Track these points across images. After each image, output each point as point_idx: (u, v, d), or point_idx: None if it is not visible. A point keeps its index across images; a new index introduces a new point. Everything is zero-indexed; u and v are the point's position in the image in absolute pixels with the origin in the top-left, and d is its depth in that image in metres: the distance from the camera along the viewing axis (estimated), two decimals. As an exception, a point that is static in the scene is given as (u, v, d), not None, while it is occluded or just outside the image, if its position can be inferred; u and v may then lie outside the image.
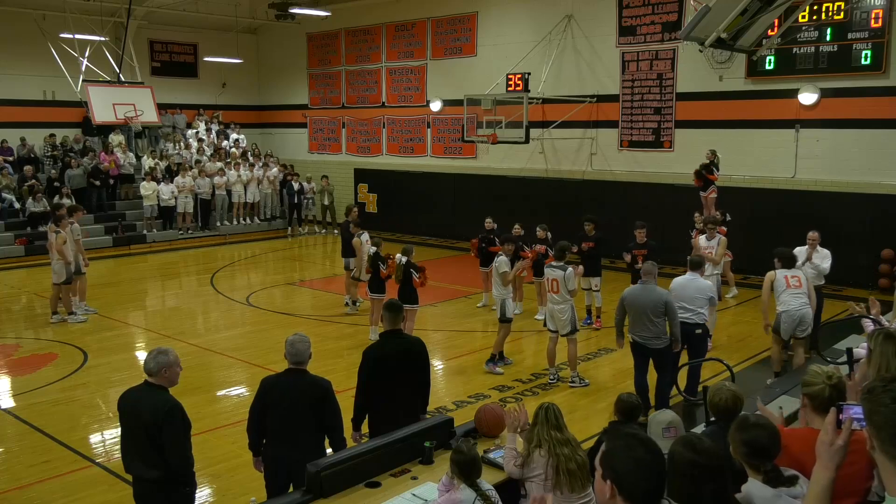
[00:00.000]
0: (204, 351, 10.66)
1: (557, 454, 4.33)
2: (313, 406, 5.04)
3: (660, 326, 7.62)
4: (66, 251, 11.82)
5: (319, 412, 5.05)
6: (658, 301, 7.57)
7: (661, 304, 7.56)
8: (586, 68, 17.63)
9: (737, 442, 3.05)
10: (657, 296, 7.61)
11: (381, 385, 5.66)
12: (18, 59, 20.31)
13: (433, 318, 12.27)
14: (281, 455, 5.10)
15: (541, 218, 13.04)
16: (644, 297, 7.62)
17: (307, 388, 5.08)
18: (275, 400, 5.09)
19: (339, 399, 5.22)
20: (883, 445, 2.10)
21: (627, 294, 7.83)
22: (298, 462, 4.84)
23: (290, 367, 5.14)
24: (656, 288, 7.71)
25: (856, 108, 14.02)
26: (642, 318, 7.61)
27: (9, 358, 10.43)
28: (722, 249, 10.65)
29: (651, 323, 7.58)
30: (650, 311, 7.55)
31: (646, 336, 7.66)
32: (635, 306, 7.66)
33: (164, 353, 4.80)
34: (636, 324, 7.70)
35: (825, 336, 8.21)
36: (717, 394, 4.26)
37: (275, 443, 5.13)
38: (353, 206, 13.55)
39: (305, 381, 5.11)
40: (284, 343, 5.16)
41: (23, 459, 7.11)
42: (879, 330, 3.75)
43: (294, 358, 5.10)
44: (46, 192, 18.87)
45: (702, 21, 10.27)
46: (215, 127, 23.93)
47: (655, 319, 7.57)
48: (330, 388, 5.13)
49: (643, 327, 7.64)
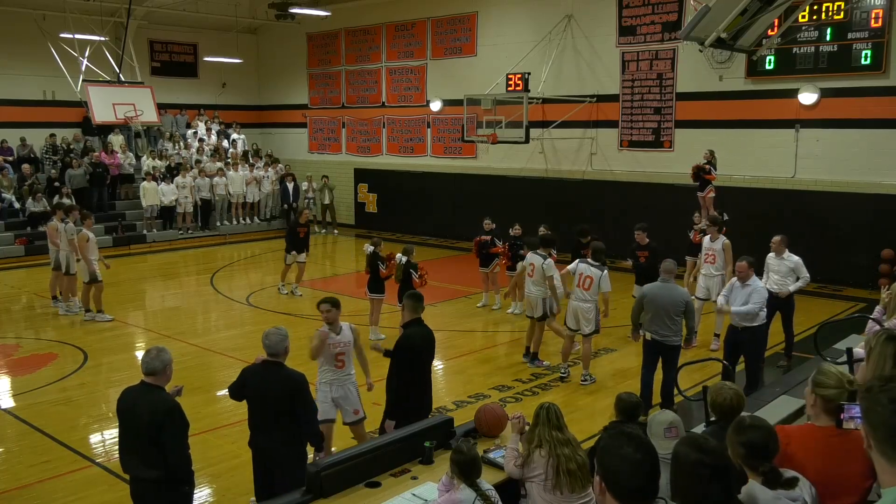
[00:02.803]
0: (204, 351, 10.67)
1: (558, 454, 4.33)
2: (287, 399, 5.17)
3: (678, 324, 7.68)
4: (87, 250, 11.90)
5: (292, 405, 5.18)
6: (679, 300, 7.64)
7: (681, 304, 7.63)
8: (586, 68, 17.63)
9: (734, 444, 3.04)
10: (678, 294, 7.70)
11: (415, 374, 6.02)
12: (18, 59, 20.31)
13: (433, 318, 12.19)
14: (258, 444, 5.30)
15: (541, 218, 13.04)
16: (665, 296, 7.65)
17: (281, 380, 5.23)
18: (251, 390, 5.32)
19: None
20: (879, 444, 2.10)
21: (648, 291, 7.84)
22: (274, 453, 5.14)
23: (267, 358, 5.30)
24: (677, 287, 7.81)
25: (856, 108, 14.03)
26: (662, 315, 7.64)
27: (9, 358, 10.43)
28: (728, 255, 10.44)
29: (671, 321, 7.63)
30: (671, 309, 7.59)
31: (665, 334, 7.68)
32: (655, 304, 7.67)
33: (165, 351, 4.82)
34: (655, 321, 7.71)
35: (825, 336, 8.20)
36: (720, 394, 4.24)
37: (253, 432, 5.34)
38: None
39: (280, 373, 5.26)
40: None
41: (23, 459, 7.11)
42: (883, 330, 3.65)
43: (269, 350, 5.29)
44: (46, 192, 18.88)
45: (702, 21, 10.26)
46: (215, 127, 23.93)
47: (675, 318, 7.63)
48: (303, 381, 5.25)
49: (662, 325, 7.67)
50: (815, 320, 11.20)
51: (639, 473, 2.24)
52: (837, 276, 14.20)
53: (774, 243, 9.28)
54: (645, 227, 10.85)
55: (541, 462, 4.37)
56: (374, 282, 10.76)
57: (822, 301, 13.32)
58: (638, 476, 2.24)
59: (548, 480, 4.31)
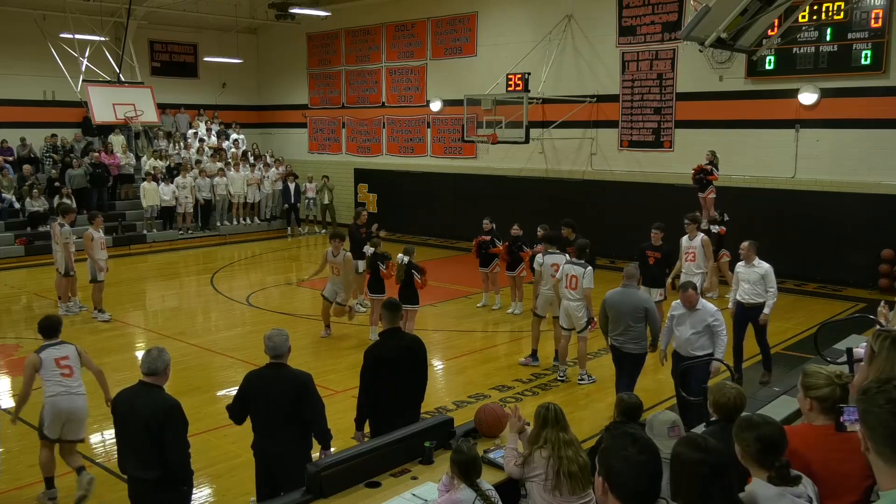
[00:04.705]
0: (204, 351, 10.66)
1: (561, 456, 4.30)
2: (293, 400, 5.10)
3: (638, 331, 7.57)
4: (91, 249, 12.01)
5: (298, 405, 5.11)
6: (638, 305, 7.53)
7: (640, 310, 7.52)
8: (586, 68, 17.63)
9: (748, 440, 3.00)
10: (637, 300, 7.59)
11: (384, 384, 5.70)
12: (18, 59, 20.31)
13: (433, 318, 12.27)
14: (262, 448, 5.19)
15: (541, 218, 13.03)
16: (624, 301, 7.58)
17: (287, 381, 5.16)
18: (255, 393, 5.19)
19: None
20: (877, 446, 2.10)
21: (608, 297, 7.77)
22: (279, 456, 5.00)
23: (271, 360, 5.22)
24: (637, 292, 7.69)
25: (856, 108, 14.02)
26: (621, 322, 7.58)
27: (9, 358, 10.43)
28: (708, 250, 10.47)
29: (629, 328, 7.55)
30: (629, 315, 7.51)
31: (622, 340, 7.62)
32: (615, 310, 7.62)
33: (165, 352, 4.83)
34: (615, 328, 7.66)
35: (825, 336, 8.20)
36: (723, 394, 4.24)
37: (257, 436, 5.24)
38: (362, 210, 13.58)
39: (285, 374, 5.19)
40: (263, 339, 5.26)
41: (23, 459, 7.10)
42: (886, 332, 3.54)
43: (273, 351, 5.21)
44: (46, 192, 18.88)
45: (702, 21, 10.26)
46: (216, 127, 23.93)
47: (635, 324, 7.53)
48: (309, 381, 5.20)
49: (621, 331, 7.61)
50: (815, 320, 11.22)
51: (642, 475, 2.24)
52: (837, 276, 14.20)
53: (744, 249, 8.72)
54: (662, 227, 10.47)
55: (541, 462, 4.36)
56: (375, 282, 10.75)
57: (822, 301, 13.33)
58: (642, 478, 2.24)
59: (547, 481, 4.30)
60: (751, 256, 8.63)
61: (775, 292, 8.64)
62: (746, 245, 8.70)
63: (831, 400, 3.25)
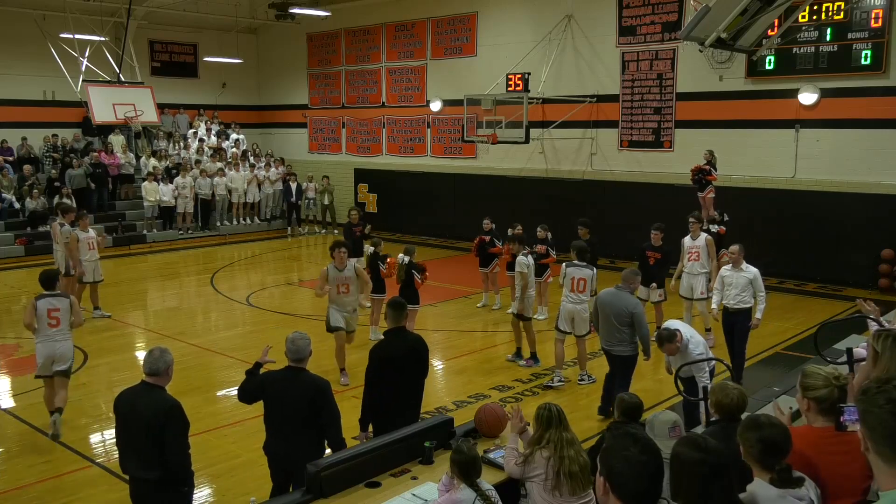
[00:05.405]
0: (204, 351, 10.66)
1: (562, 457, 4.30)
2: (309, 404, 5.06)
3: (624, 334, 7.53)
4: (75, 249, 11.99)
5: (315, 410, 5.07)
6: (625, 310, 7.47)
7: (627, 314, 7.45)
8: (586, 68, 17.63)
9: (751, 441, 3.00)
10: (626, 303, 7.50)
11: (387, 384, 5.71)
12: (18, 59, 20.31)
13: (433, 318, 12.27)
14: (276, 451, 5.16)
15: (541, 218, 13.03)
16: (613, 303, 7.54)
17: (304, 385, 5.11)
18: (272, 396, 5.15)
19: (339, 399, 5.22)
20: (876, 446, 2.10)
21: (599, 297, 7.77)
22: (293, 459, 4.92)
23: (290, 364, 5.18)
24: (627, 296, 7.59)
25: (856, 108, 14.02)
26: (608, 323, 7.57)
27: (9, 358, 10.44)
28: (712, 250, 10.45)
29: (616, 330, 7.52)
30: (614, 317, 7.49)
31: (610, 342, 7.61)
32: (604, 311, 7.61)
33: (167, 352, 4.82)
34: (603, 328, 7.67)
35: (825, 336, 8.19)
36: (725, 394, 4.23)
37: (271, 439, 5.20)
38: (353, 208, 13.72)
39: (303, 379, 5.15)
40: (285, 341, 5.18)
41: (23, 459, 7.11)
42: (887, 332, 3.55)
43: (294, 355, 5.16)
44: (46, 192, 18.88)
45: (702, 21, 10.25)
46: (215, 127, 23.93)
47: (620, 327, 7.50)
48: (327, 387, 5.15)
49: (609, 333, 7.60)
50: (814, 320, 11.22)
51: (644, 475, 2.24)
52: (837, 276, 14.21)
53: (734, 253, 8.48)
54: (662, 227, 10.57)
55: (541, 462, 4.36)
56: (375, 282, 10.75)
57: (822, 301, 13.34)
58: (643, 478, 2.24)
59: (547, 481, 4.30)
60: (740, 260, 8.46)
61: (765, 296, 8.51)
62: (737, 248, 8.53)
63: (829, 401, 3.25)
